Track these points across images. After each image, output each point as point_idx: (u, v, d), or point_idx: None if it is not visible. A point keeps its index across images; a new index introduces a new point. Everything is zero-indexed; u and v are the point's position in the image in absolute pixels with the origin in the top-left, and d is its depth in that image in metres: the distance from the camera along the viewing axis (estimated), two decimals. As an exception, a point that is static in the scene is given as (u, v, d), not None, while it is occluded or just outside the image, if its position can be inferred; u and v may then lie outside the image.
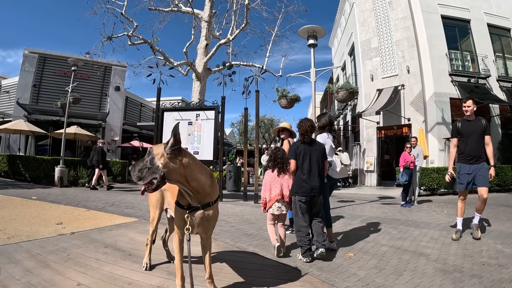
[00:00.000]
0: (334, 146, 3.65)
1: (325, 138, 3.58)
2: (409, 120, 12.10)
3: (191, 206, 1.84)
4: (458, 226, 3.92)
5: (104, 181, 9.75)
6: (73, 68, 10.89)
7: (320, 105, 25.92)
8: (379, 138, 13.28)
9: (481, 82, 12.24)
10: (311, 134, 3.25)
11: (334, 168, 3.56)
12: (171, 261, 2.69)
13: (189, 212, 1.83)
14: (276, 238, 3.17)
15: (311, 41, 7.07)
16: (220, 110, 7.68)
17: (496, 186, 9.68)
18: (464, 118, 3.96)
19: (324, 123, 3.69)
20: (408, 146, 7.28)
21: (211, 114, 7.59)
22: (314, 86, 6.99)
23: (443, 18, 12.64)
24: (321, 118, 3.79)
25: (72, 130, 12.57)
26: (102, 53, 9.14)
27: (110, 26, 15.42)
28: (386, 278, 2.53)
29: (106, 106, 16.61)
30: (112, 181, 11.36)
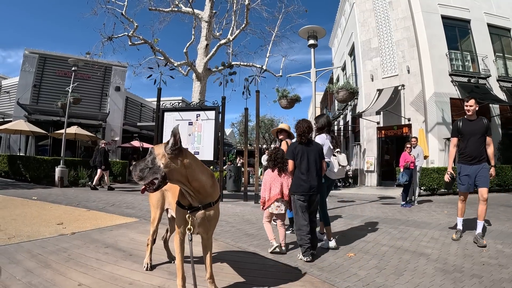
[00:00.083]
0: (332, 147, 3.68)
1: (323, 139, 3.64)
2: (409, 120, 12.11)
3: (192, 206, 1.85)
4: (458, 226, 3.92)
5: (106, 181, 9.75)
6: (73, 68, 10.90)
7: (320, 105, 25.89)
8: (379, 138, 13.28)
9: (481, 82, 12.24)
10: (308, 134, 3.30)
11: (332, 168, 3.60)
12: (172, 261, 2.69)
13: (190, 212, 1.84)
14: (274, 237, 3.22)
15: (311, 41, 7.07)
16: (220, 110, 7.69)
17: (496, 186, 9.69)
18: (465, 117, 3.88)
19: (322, 124, 3.74)
20: (408, 146, 7.28)
21: (212, 114, 7.60)
22: (315, 86, 6.98)
23: (443, 18, 12.65)
24: (319, 119, 3.83)
25: (72, 130, 12.58)
26: (102, 53, 9.15)
27: (111, 27, 15.45)
28: (387, 278, 2.53)
29: (106, 106, 16.60)
30: (112, 181, 11.36)
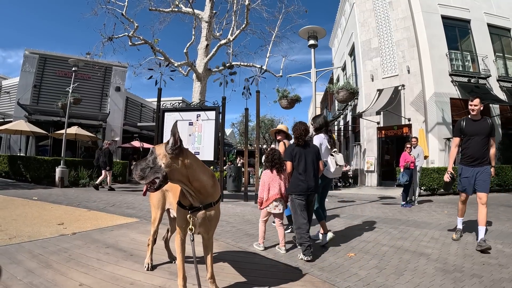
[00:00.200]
0: (329, 147, 3.78)
1: (322, 138, 3.75)
2: (409, 120, 12.11)
3: (193, 206, 1.85)
4: (458, 226, 3.90)
5: (107, 181, 9.77)
6: (73, 68, 10.90)
7: (320, 105, 25.87)
8: (380, 138, 13.28)
9: (481, 82, 12.25)
10: (305, 137, 3.40)
11: (329, 168, 3.69)
12: (173, 261, 2.69)
13: (191, 212, 1.84)
14: (263, 240, 3.36)
15: (312, 41, 7.08)
16: (220, 111, 7.69)
17: (496, 186, 9.69)
18: (469, 117, 3.72)
19: (320, 124, 3.85)
20: (408, 146, 7.28)
21: (212, 114, 7.61)
22: (315, 86, 6.98)
23: (443, 18, 12.65)
24: (316, 119, 3.93)
25: (72, 130, 12.59)
26: (102, 53, 9.14)
27: (111, 27, 15.43)
28: (387, 278, 2.54)
29: (106, 107, 16.61)
30: (112, 181, 11.36)
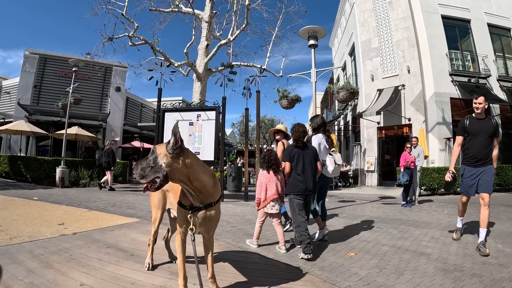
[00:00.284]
0: (328, 147, 3.86)
1: (320, 138, 3.84)
2: (409, 120, 12.10)
3: (194, 206, 1.86)
4: (458, 225, 3.88)
5: (109, 181, 9.78)
6: (73, 68, 10.91)
7: (320, 105, 25.85)
8: (380, 138, 13.28)
9: (481, 82, 12.23)
10: (304, 138, 3.49)
11: (328, 167, 3.76)
12: (173, 261, 2.70)
13: (191, 212, 1.85)
14: (257, 240, 3.43)
15: (312, 41, 7.07)
16: (221, 111, 7.70)
17: (496, 186, 9.68)
18: (473, 115, 3.62)
19: (318, 124, 3.95)
20: (408, 146, 7.28)
21: (212, 114, 7.61)
22: (315, 86, 6.98)
23: (444, 18, 12.64)
24: (314, 119, 4.02)
25: (73, 130, 12.60)
26: (103, 53, 9.16)
27: (111, 27, 15.40)
28: (387, 278, 2.54)
29: (106, 107, 16.62)
30: (113, 181, 11.37)
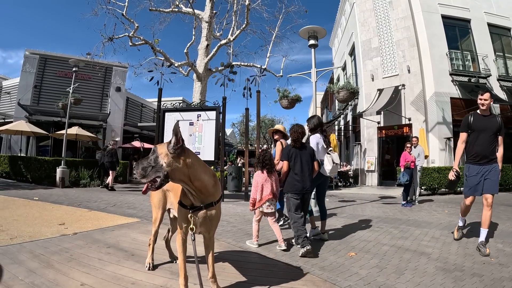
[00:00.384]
0: (325, 146, 3.94)
1: (318, 138, 3.93)
2: (409, 120, 12.10)
3: (194, 206, 1.86)
4: (460, 223, 3.79)
5: (110, 181, 9.78)
6: (74, 69, 10.90)
7: (321, 105, 25.86)
8: (380, 138, 13.28)
9: (481, 81, 12.24)
10: (302, 139, 3.55)
11: (326, 166, 3.82)
12: (174, 261, 2.70)
13: (192, 211, 1.85)
14: (257, 239, 3.44)
15: (312, 41, 7.05)
16: (221, 111, 7.70)
17: (497, 186, 9.67)
18: (477, 112, 3.51)
19: (315, 125, 4.02)
20: (408, 146, 7.28)
21: (212, 114, 7.61)
22: (315, 86, 6.96)
23: (444, 17, 12.65)
24: (311, 120, 4.10)
25: (73, 131, 12.59)
26: (103, 54, 9.18)
27: (111, 27, 15.38)
28: (388, 277, 2.54)
29: (107, 107, 16.62)
30: (113, 181, 11.38)
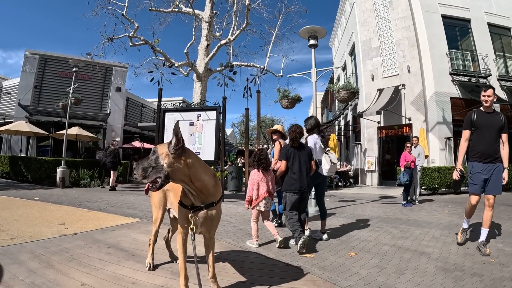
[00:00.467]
0: (323, 147, 4.00)
1: (315, 138, 4.00)
2: (409, 119, 12.10)
3: (195, 206, 1.86)
4: (464, 225, 3.60)
5: (110, 181, 9.78)
6: (74, 69, 10.90)
7: (321, 105, 25.86)
8: (380, 138, 13.28)
9: (481, 81, 12.22)
10: (300, 139, 3.62)
11: (323, 166, 3.87)
12: (174, 261, 2.71)
13: (192, 212, 1.85)
14: (257, 238, 3.45)
15: (312, 41, 7.04)
16: (221, 111, 7.70)
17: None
18: (480, 109, 3.44)
19: (312, 125, 4.09)
20: (408, 145, 7.28)
21: (212, 114, 7.62)
22: (315, 86, 6.95)
23: (444, 17, 12.64)
24: (308, 121, 4.16)
25: (73, 131, 12.59)
26: (103, 54, 9.20)
27: (111, 27, 15.38)
28: (388, 277, 2.54)
29: (107, 107, 16.62)
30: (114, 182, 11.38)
